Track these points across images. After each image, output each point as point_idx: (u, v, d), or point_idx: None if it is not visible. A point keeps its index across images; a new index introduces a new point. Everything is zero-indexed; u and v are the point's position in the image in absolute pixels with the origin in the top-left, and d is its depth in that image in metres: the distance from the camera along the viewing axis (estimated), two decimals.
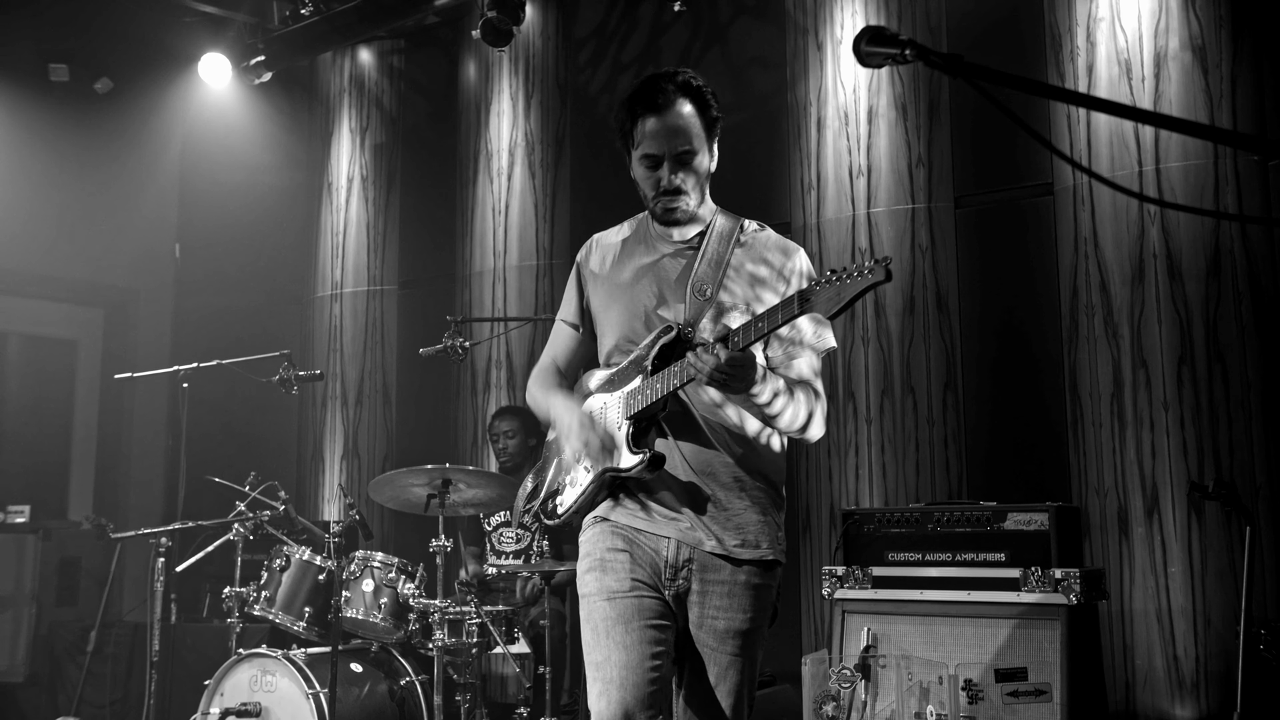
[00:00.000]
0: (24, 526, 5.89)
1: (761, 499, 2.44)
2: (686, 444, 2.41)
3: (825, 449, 5.08)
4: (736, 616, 2.39)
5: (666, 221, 2.51)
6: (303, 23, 6.63)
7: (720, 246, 2.48)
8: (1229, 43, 4.38)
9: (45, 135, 6.61)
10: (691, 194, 2.47)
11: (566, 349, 2.68)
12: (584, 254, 2.66)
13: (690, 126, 2.44)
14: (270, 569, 4.61)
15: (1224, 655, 4.09)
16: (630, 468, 2.36)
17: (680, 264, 2.50)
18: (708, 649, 2.40)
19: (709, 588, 2.40)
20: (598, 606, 2.40)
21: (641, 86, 2.47)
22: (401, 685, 4.57)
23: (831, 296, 2.07)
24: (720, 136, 2.53)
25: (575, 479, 2.48)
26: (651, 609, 2.38)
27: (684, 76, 2.47)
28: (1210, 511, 4.19)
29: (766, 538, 2.43)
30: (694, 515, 2.40)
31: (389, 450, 6.75)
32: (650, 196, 2.50)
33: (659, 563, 2.41)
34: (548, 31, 6.34)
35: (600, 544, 2.46)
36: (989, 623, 3.77)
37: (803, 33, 5.38)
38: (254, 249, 7.17)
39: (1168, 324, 4.34)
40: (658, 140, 2.43)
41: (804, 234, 5.23)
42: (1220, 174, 4.33)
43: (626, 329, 2.51)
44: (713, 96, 2.49)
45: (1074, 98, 1.43)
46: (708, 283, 2.43)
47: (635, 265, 2.55)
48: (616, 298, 2.55)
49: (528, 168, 6.24)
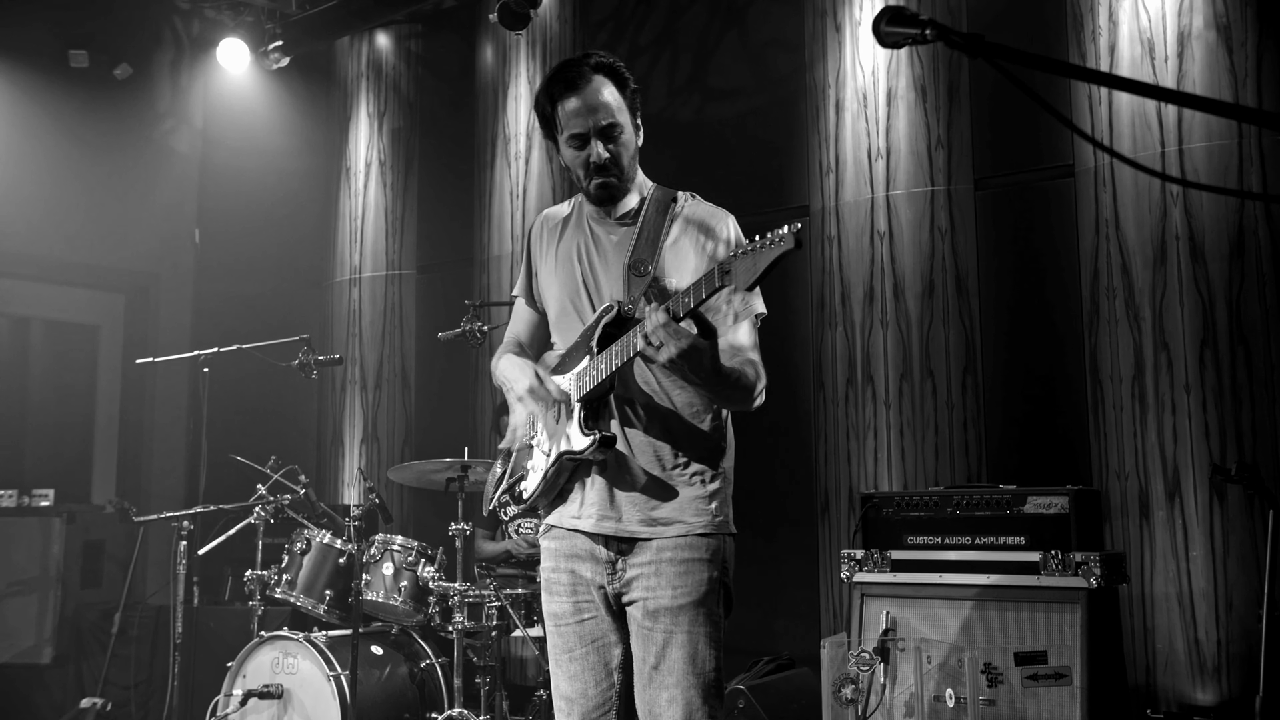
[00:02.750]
0: (49, 510, 5.94)
1: (697, 477, 2.41)
2: (628, 425, 2.41)
3: (844, 432, 5.07)
4: (664, 594, 2.35)
5: (601, 200, 2.50)
6: (320, 7, 6.64)
7: (656, 221, 2.47)
8: (1254, 21, 4.33)
9: (65, 121, 6.65)
10: (623, 168, 2.47)
11: (527, 325, 2.70)
12: (535, 229, 2.68)
13: (611, 101, 2.44)
14: (291, 552, 4.64)
15: (1245, 638, 4.07)
16: (583, 450, 2.36)
17: (615, 241, 2.50)
18: (644, 630, 2.37)
19: (641, 570, 2.38)
20: (550, 634, 2.50)
21: (555, 71, 2.48)
22: (421, 668, 4.60)
23: (749, 266, 2.04)
24: (641, 110, 2.52)
25: (535, 464, 2.51)
26: (593, 631, 2.43)
27: (596, 57, 2.48)
28: (1232, 494, 4.16)
29: (693, 510, 2.39)
30: (622, 499, 2.39)
31: (408, 434, 6.77)
32: (582, 176, 2.48)
33: (599, 559, 2.42)
34: (565, 15, 6.32)
35: (546, 563, 2.53)
36: (1008, 606, 3.76)
37: (821, 14, 5.34)
38: (273, 234, 7.19)
39: (1190, 306, 4.30)
40: (581, 117, 2.42)
41: (823, 217, 5.20)
42: (1244, 154, 4.28)
43: (565, 305, 2.53)
44: (626, 70, 2.49)
45: (1098, 77, 1.41)
46: (645, 259, 2.42)
47: (573, 244, 2.55)
48: (555, 275, 2.56)
49: (545, 152, 6.23)
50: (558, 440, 2.43)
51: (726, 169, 5.68)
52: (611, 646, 2.43)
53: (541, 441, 2.50)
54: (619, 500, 2.41)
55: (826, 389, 5.14)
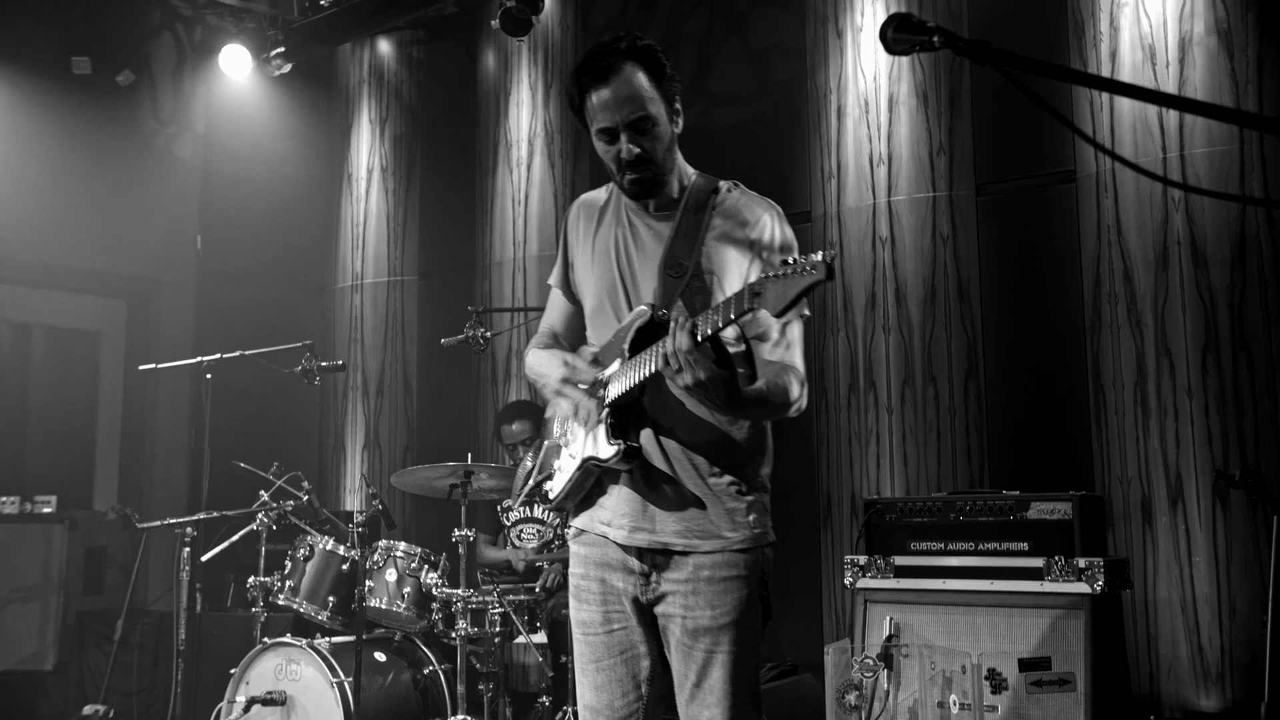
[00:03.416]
0: (51, 516, 5.95)
1: (733, 488, 2.32)
2: (662, 434, 2.32)
3: (846, 438, 5.07)
4: (704, 614, 2.28)
5: (635, 195, 2.38)
6: (322, 14, 6.65)
7: (695, 216, 2.34)
8: (1255, 26, 4.34)
9: (68, 127, 6.65)
10: (657, 163, 2.33)
11: (562, 315, 2.58)
12: (571, 216, 2.55)
13: (641, 91, 2.29)
14: (294, 559, 4.63)
15: (1249, 644, 4.07)
16: (608, 458, 2.29)
17: (652, 237, 2.38)
18: (684, 647, 2.31)
19: (677, 586, 2.31)
20: (577, 641, 2.43)
21: (585, 58, 2.32)
22: (425, 674, 4.60)
23: (779, 293, 1.95)
24: (681, 98, 2.39)
25: (563, 465, 2.44)
26: (622, 642, 2.36)
27: (628, 41, 2.31)
28: (1235, 500, 4.16)
29: (729, 524, 2.30)
30: (657, 511, 2.31)
31: (410, 440, 6.77)
32: (614, 170, 2.36)
33: (631, 570, 2.34)
34: (566, 21, 6.33)
35: (575, 569, 2.45)
36: (1012, 612, 3.76)
37: (822, 20, 5.35)
38: (275, 240, 7.20)
39: (1192, 311, 4.31)
40: (609, 111, 2.29)
41: (824, 222, 5.21)
42: (1246, 159, 4.29)
43: (601, 302, 2.42)
44: (663, 54, 2.34)
45: (1106, 84, 1.41)
46: (683, 258, 2.29)
47: (610, 236, 2.43)
48: (592, 268, 2.45)
49: (547, 158, 6.24)
50: (585, 443, 2.34)
51: (728, 175, 5.67)
52: (640, 659, 2.36)
53: (570, 442, 2.41)
54: (652, 510, 2.32)
55: (829, 395, 5.15)
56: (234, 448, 5.03)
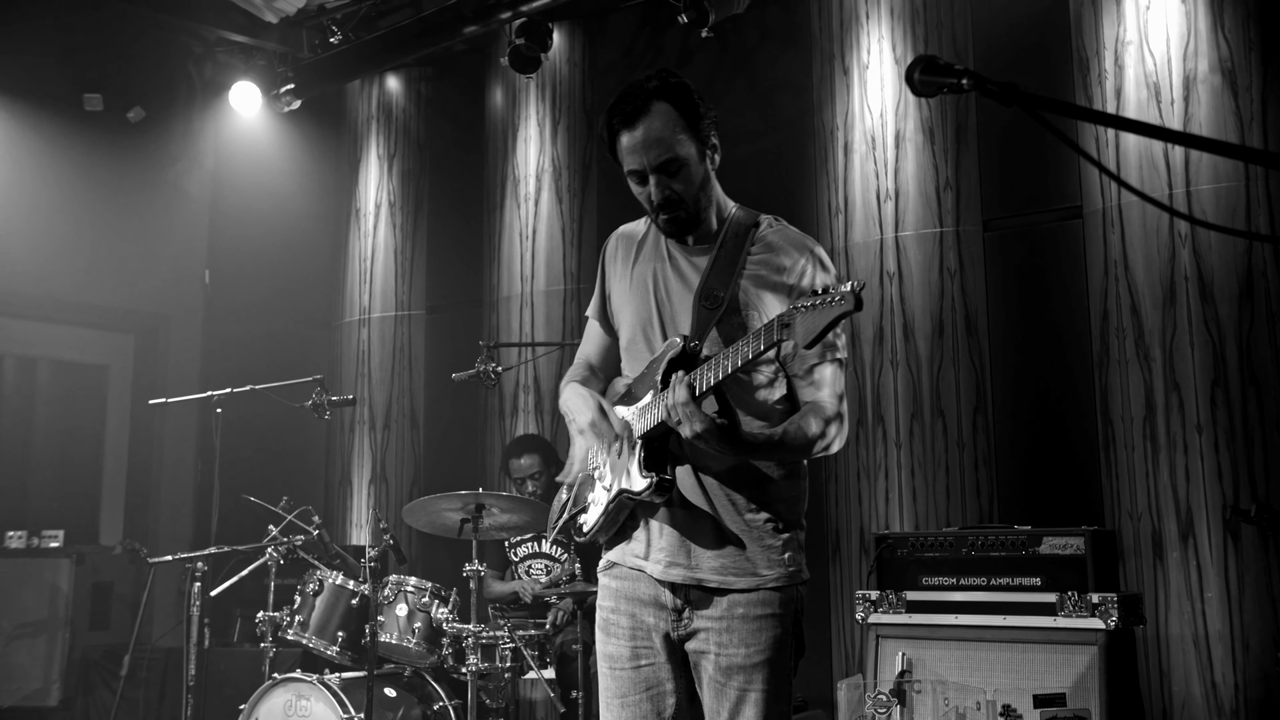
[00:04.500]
0: (57, 551, 5.94)
1: (769, 524, 2.32)
2: (701, 470, 2.31)
3: (855, 473, 5.08)
4: (738, 652, 2.28)
5: (671, 234, 2.39)
6: (332, 51, 6.71)
7: (734, 248, 2.33)
8: (1259, 65, 4.38)
9: (79, 163, 6.71)
10: (689, 202, 2.32)
11: (598, 347, 2.59)
12: (608, 248, 2.57)
13: (669, 133, 2.27)
14: (304, 593, 4.62)
15: (1264, 681, 4.05)
16: (640, 491, 2.28)
17: (690, 270, 2.38)
18: (717, 684, 2.30)
19: (712, 624, 2.30)
20: (603, 675, 2.42)
21: (617, 100, 2.31)
22: (435, 710, 4.57)
23: (809, 324, 1.96)
24: (720, 131, 2.35)
25: (596, 498, 2.43)
26: (649, 678, 2.35)
27: (657, 80, 2.29)
28: (1246, 535, 4.16)
29: (766, 561, 2.30)
30: (694, 547, 2.30)
31: (417, 475, 6.77)
32: (649, 210, 2.38)
33: (664, 605, 2.34)
34: (574, 58, 6.39)
35: (605, 602, 2.44)
36: (1025, 648, 3.74)
37: (829, 58, 5.41)
38: (283, 275, 7.23)
39: (1200, 347, 4.33)
40: (636, 155, 2.29)
41: (832, 258, 5.22)
42: (1252, 196, 4.32)
43: (636, 333, 2.43)
44: (697, 93, 2.31)
45: (1133, 126, 1.43)
46: (718, 290, 2.29)
47: (648, 268, 2.43)
48: (629, 299, 2.46)
49: (554, 193, 6.28)
50: (619, 476, 2.34)
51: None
52: (666, 696, 2.35)
53: (603, 475, 2.41)
54: (689, 546, 2.31)
55: None
56: (241, 482, 5.03)
